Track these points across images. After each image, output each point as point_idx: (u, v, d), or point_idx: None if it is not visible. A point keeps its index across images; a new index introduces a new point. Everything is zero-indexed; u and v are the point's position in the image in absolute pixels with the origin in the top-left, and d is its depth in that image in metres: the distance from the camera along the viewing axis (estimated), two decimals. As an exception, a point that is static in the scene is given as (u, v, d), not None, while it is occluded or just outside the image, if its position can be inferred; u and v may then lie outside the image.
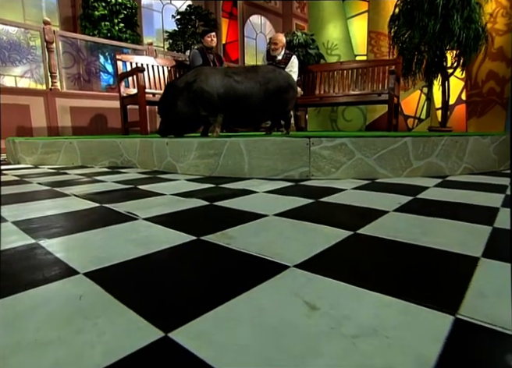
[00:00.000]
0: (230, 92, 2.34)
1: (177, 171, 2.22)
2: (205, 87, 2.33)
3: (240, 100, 2.37)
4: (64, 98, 5.01)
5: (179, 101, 2.41)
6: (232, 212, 1.17)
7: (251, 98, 2.38)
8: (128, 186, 1.72)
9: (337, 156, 1.87)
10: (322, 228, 0.97)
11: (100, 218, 1.09)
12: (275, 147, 1.89)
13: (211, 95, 2.32)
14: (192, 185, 1.73)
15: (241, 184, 1.76)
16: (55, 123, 4.96)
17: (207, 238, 0.87)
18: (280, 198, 1.40)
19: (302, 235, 0.90)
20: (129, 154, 2.67)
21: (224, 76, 2.37)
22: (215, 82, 2.34)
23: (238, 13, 9.78)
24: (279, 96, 2.46)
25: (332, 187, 1.65)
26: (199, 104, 2.37)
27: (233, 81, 2.36)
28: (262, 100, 2.40)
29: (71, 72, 5.32)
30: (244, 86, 2.36)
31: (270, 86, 2.40)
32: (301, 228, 0.96)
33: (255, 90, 2.38)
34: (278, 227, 0.98)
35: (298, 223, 1.02)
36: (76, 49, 5.31)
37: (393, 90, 4.11)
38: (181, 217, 1.12)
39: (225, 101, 2.36)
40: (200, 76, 2.37)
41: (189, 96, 2.38)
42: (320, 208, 1.23)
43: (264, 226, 0.99)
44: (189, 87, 2.37)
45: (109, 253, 0.78)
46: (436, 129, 5.46)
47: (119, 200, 1.36)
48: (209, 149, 2.02)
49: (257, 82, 2.39)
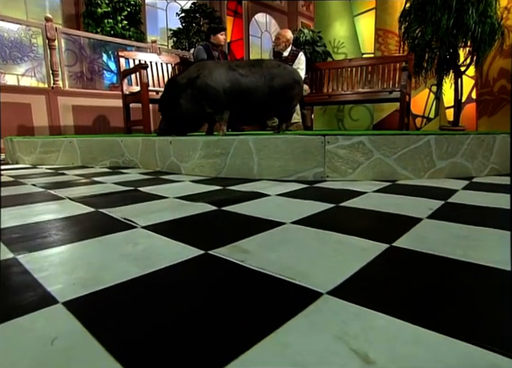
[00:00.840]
0: (236, 86, 2.20)
1: (181, 172, 2.08)
2: (210, 82, 2.19)
3: (245, 94, 2.24)
4: (66, 97, 4.90)
5: (182, 99, 2.27)
6: (243, 219, 1.03)
7: (257, 92, 2.25)
8: (128, 188, 1.58)
9: (354, 155, 1.73)
10: (351, 239, 0.83)
11: (93, 226, 0.95)
12: (286, 146, 1.75)
13: (217, 90, 2.18)
14: (197, 187, 1.59)
15: (250, 186, 1.62)
16: (57, 122, 4.86)
17: (216, 253, 0.73)
18: (295, 202, 1.26)
19: (329, 248, 0.76)
20: (130, 154, 2.54)
21: (228, 70, 2.24)
22: (219, 76, 2.20)
23: (243, 11, 9.64)
24: (284, 92, 2.33)
25: (350, 189, 1.51)
26: (204, 100, 2.23)
27: (238, 74, 2.23)
28: (267, 95, 2.27)
29: (73, 71, 5.21)
30: (250, 80, 2.23)
31: (275, 82, 2.27)
32: (326, 240, 0.82)
33: (260, 84, 2.24)
34: (298, 238, 0.84)
35: (321, 233, 0.88)
36: (79, 47, 5.21)
37: (405, 88, 3.95)
38: (186, 225, 0.98)
39: (231, 96, 2.22)
40: (203, 71, 2.23)
41: (193, 92, 2.24)
42: (342, 214, 1.09)
43: (282, 237, 0.85)
44: (192, 83, 2.23)
45: (99, 272, 0.64)
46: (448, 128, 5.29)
47: (117, 204, 1.23)
48: (215, 148, 1.89)
49: (262, 76, 2.25)
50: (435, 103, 6.84)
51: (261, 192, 1.44)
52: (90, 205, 1.23)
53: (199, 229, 0.93)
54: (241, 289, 0.57)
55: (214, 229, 0.93)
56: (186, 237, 0.85)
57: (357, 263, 0.68)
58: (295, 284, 0.58)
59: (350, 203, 1.24)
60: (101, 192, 1.48)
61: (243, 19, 9.63)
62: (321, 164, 1.74)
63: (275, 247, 0.77)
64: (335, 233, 0.87)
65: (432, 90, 6.68)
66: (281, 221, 0.99)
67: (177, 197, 1.36)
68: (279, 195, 1.40)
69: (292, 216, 1.05)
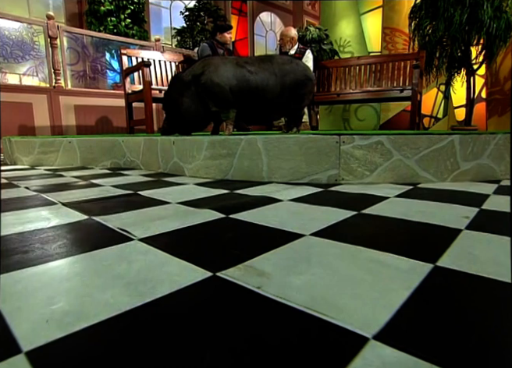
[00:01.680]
0: (244, 84, 2.07)
1: (185, 174, 1.96)
2: (215, 79, 2.06)
3: (254, 94, 2.10)
4: (68, 96, 4.81)
5: (186, 96, 2.14)
6: (254, 229, 0.90)
7: (266, 91, 2.11)
8: (127, 192, 1.46)
9: (372, 156, 1.59)
10: (385, 257, 0.69)
11: (83, 239, 0.83)
12: (298, 147, 1.62)
13: (223, 88, 2.05)
14: (202, 191, 1.46)
15: (260, 189, 1.49)
16: (58, 122, 4.77)
17: (227, 276, 0.61)
18: (311, 208, 1.13)
19: (362, 269, 0.63)
20: (132, 154, 2.42)
21: (236, 66, 2.10)
22: (226, 73, 2.07)
23: (248, 10, 9.52)
24: (297, 90, 2.19)
25: (369, 194, 1.37)
26: (209, 98, 2.11)
27: (247, 71, 2.09)
28: (278, 93, 2.13)
29: (76, 70, 5.12)
30: (259, 78, 2.09)
31: (287, 79, 2.13)
32: (357, 258, 0.69)
33: (271, 82, 2.10)
34: (323, 255, 0.71)
35: (348, 248, 0.75)
36: (81, 45, 5.12)
37: (417, 86, 3.80)
38: (189, 236, 0.85)
39: (238, 95, 2.09)
40: (208, 67, 2.10)
41: (197, 90, 2.11)
42: (367, 224, 0.95)
43: (303, 253, 0.72)
44: (197, 80, 2.10)
45: (82, 302, 0.51)
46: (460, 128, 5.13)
47: (114, 211, 1.10)
48: (222, 148, 1.76)
49: (273, 73, 2.12)
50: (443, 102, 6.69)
51: (272, 197, 1.31)
52: (84, 212, 1.10)
53: (204, 242, 0.80)
54: (258, 330, 0.44)
55: (222, 242, 0.80)
56: (190, 253, 0.73)
57: (402, 290, 0.55)
58: (329, 323, 0.45)
59: (373, 210, 1.11)
60: (97, 197, 1.36)
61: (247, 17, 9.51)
62: (335, 165, 1.61)
63: (296, 268, 0.64)
64: (364, 248, 0.74)
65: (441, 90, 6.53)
66: (299, 233, 0.86)
67: (180, 203, 1.24)
68: (292, 200, 1.27)
69: (310, 226, 0.92)
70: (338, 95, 4.36)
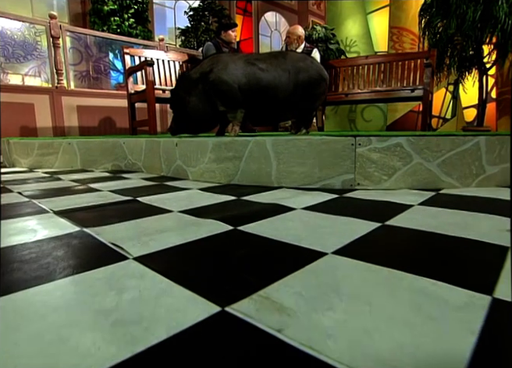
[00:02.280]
0: (254, 82, 1.95)
1: (188, 178, 1.85)
2: (224, 77, 1.94)
3: (264, 92, 1.99)
4: (71, 97, 4.72)
5: (193, 95, 2.03)
6: (268, 245, 0.78)
7: (278, 89, 1.99)
8: (126, 198, 1.35)
9: (390, 160, 1.47)
10: (430, 285, 0.57)
11: (69, 256, 0.72)
12: (310, 149, 1.50)
13: (231, 86, 1.94)
14: (207, 197, 1.35)
15: (269, 196, 1.37)
16: (61, 123, 4.69)
17: (238, 312, 0.49)
18: (329, 219, 1.01)
19: (407, 305, 0.51)
20: (133, 157, 2.32)
21: (246, 64, 1.99)
22: (235, 71, 1.96)
23: (253, 10, 9.42)
24: (310, 89, 2.07)
25: (389, 201, 1.25)
26: (217, 97, 1.99)
27: (257, 69, 1.98)
28: (291, 91, 2.01)
29: (78, 70, 5.04)
30: (271, 75, 1.98)
31: (301, 76, 2.01)
32: (396, 287, 0.57)
33: (283, 79, 1.99)
34: (355, 283, 0.59)
35: (383, 272, 0.63)
36: (84, 45, 5.03)
37: (428, 86, 3.67)
38: (193, 255, 0.73)
39: (248, 94, 1.98)
40: (217, 65, 1.99)
41: (204, 88, 2.00)
42: (397, 239, 0.83)
43: (329, 279, 0.60)
44: (205, 78, 1.99)
45: (52, 353, 0.40)
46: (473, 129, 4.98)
47: (109, 221, 0.99)
48: (227, 151, 1.65)
49: (286, 70, 2.00)
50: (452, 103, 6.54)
51: (284, 205, 1.19)
52: (77, 221, 0.99)
53: (210, 262, 0.69)
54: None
55: (230, 263, 0.68)
56: (193, 277, 0.61)
57: (464, 335, 0.43)
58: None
59: (398, 221, 0.99)
60: (93, 204, 1.25)
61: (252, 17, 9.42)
62: (350, 169, 1.49)
63: (324, 300, 0.52)
64: (402, 273, 0.62)
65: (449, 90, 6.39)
66: (320, 251, 0.74)
67: (182, 211, 1.12)
68: (306, 208, 1.15)
69: (331, 241, 0.80)
70: (346, 95, 4.24)
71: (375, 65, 4.39)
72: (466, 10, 3.95)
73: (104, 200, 1.31)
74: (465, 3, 3.95)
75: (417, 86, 3.77)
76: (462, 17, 4.01)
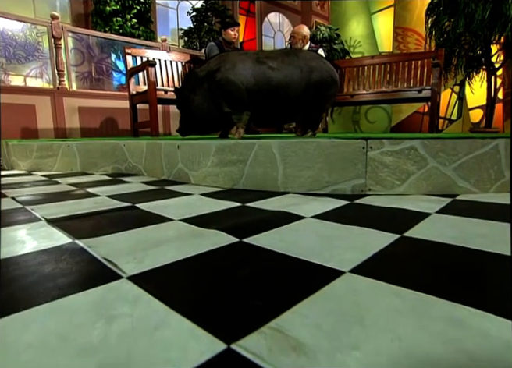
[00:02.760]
0: (264, 82, 1.87)
1: (190, 181, 1.77)
2: (231, 77, 1.86)
3: (274, 92, 1.90)
4: (72, 98, 4.67)
5: (198, 94, 1.95)
6: (277, 261, 0.71)
7: (289, 88, 1.91)
8: (124, 204, 1.28)
9: (404, 164, 1.39)
10: (466, 314, 0.49)
11: (56, 275, 0.64)
12: (319, 152, 1.42)
13: (238, 87, 1.86)
14: (210, 204, 1.27)
15: (276, 202, 1.29)
16: (62, 124, 4.64)
17: (246, 351, 0.41)
18: (342, 229, 0.93)
19: (447, 342, 0.43)
20: (134, 159, 2.25)
21: (255, 63, 1.90)
22: (243, 70, 1.88)
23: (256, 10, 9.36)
24: (321, 90, 1.99)
25: (405, 209, 1.17)
26: (222, 98, 1.91)
27: (268, 68, 1.89)
28: (303, 90, 1.92)
29: (80, 71, 4.99)
30: (282, 74, 1.89)
31: (313, 76, 1.93)
32: (430, 317, 0.49)
33: (295, 77, 1.90)
34: (380, 311, 0.51)
35: (411, 297, 0.55)
36: (86, 46, 4.99)
37: (436, 86, 3.58)
38: (194, 273, 0.66)
39: (257, 94, 1.90)
40: (225, 64, 1.90)
41: (210, 88, 1.92)
42: (419, 254, 0.75)
43: (350, 305, 0.52)
44: (211, 77, 1.91)
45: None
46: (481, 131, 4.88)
47: (104, 231, 0.92)
48: (231, 154, 1.57)
49: (298, 68, 1.92)
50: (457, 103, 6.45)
51: (292, 213, 1.12)
52: (69, 231, 0.92)
53: (213, 283, 0.61)
54: None
55: (236, 284, 0.60)
56: (194, 302, 0.54)
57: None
58: None
59: (418, 232, 0.90)
60: (89, 211, 1.17)
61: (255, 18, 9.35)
62: (361, 174, 1.41)
63: (346, 334, 0.44)
64: (431, 298, 0.54)
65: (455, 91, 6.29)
66: (335, 268, 0.66)
67: (183, 219, 1.05)
68: (317, 217, 1.07)
69: (347, 256, 0.72)
70: (351, 96, 4.15)
71: (380, 65, 4.31)
72: (475, 9, 3.86)
73: (101, 207, 1.24)
74: (474, 1, 3.86)
75: (425, 87, 3.68)
76: (471, 16, 3.92)
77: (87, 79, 5.03)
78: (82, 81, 4.99)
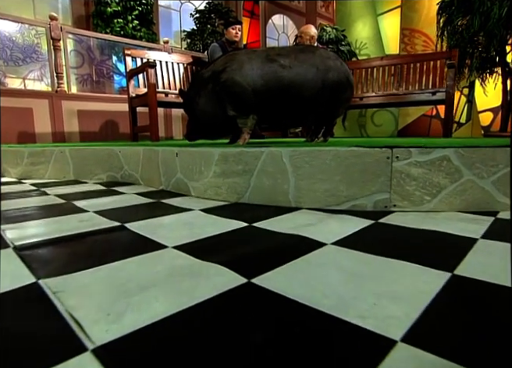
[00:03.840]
0: (273, 82, 1.70)
1: (190, 193, 1.60)
2: (237, 78, 1.70)
3: (285, 92, 1.73)
4: (71, 101, 4.53)
5: (203, 96, 1.79)
6: (299, 319, 0.52)
7: (303, 87, 1.73)
8: (112, 224, 1.10)
9: (435, 176, 1.20)
10: None
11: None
12: (337, 163, 1.24)
13: (245, 89, 1.69)
14: (211, 224, 1.09)
15: (287, 221, 1.11)
16: (60, 128, 4.49)
17: None
18: (373, 263, 0.75)
19: None
20: (130, 167, 2.08)
21: (265, 62, 1.73)
22: (251, 71, 1.71)
23: (260, 12, 9.23)
24: (337, 93, 1.81)
25: (441, 232, 0.98)
26: (228, 100, 1.75)
27: (279, 66, 1.72)
28: (319, 89, 1.75)
29: (80, 73, 4.85)
30: (294, 72, 1.71)
31: (330, 76, 1.75)
32: None
33: (310, 76, 1.72)
34: None
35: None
36: (86, 48, 4.85)
37: (452, 88, 3.39)
38: (184, 342, 0.48)
39: (265, 96, 1.73)
40: (231, 64, 1.74)
41: (214, 89, 1.76)
42: (487, 308, 0.57)
43: None
44: (216, 78, 1.76)
45: None
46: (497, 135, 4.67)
47: (79, 266, 0.74)
48: (236, 163, 1.39)
49: (314, 65, 1.74)
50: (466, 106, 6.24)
51: (309, 237, 0.93)
52: (36, 265, 0.74)
53: (210, 363, 0.43)
54: None
55: (246, 362, 0.42)
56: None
57: None
58: None
59: (472, 267, 0.72)
60: (68, 233, 1.00)
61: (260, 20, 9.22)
62: (385, 188, 1.23)
63: None
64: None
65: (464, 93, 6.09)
66: (382, 335, 0.47)
67: (179, 246, 0.87)
68: (338, 243, 0.88)
69: (393, 311, 0.54)
70: (361, 99, 3.97)
71: (390, 66, 4.14)
72: (491, 7, 3.67)
73: (85, 227, 1.06)
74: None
75: (439, 89, 3.49)
76: (486, 14, 3.74)
77: (87, 81, 4.89)
78: (82, 84, 4.85)
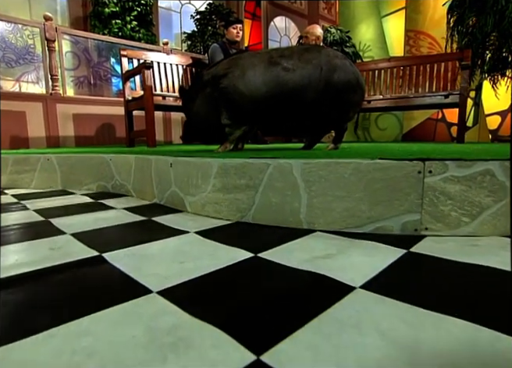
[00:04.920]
0: (277, 89, 1.56)
1: (186, 209, 1.41)
2: (240, 87, 1.57)
3: (289, 98, 1.57)
4: (66, 104, 4.36)
5: (199, 98, 1.67)
6: None
7: (306, 90, 1.57)
8: (87, 255, 0.90)
9: (475, 194, 1.01)
10: None
11: None
12: (358, 178, 1.04)
13: (245, 98, 1.57)
14: (208, 255, 0.90)
15: (301, 250, 0.92)
16: (55, 132, 4.31)
17: None
18: (425, 322, 0.55)
19: None
20: (121, 177, 1.89)
21: (268, 66, 1.58)
22: (254, 78, 1.57)
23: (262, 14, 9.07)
24: (345, 95, 1.62)
25: (493, 268, 0.78)
26: (225, 107, 1.61)
27: (281, 70, 1.56)
28: (321, 90, 1.58)
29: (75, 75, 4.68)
30: (297, 75, 1.55)
31: (336, 76, 1.57)
32: None
33: (313, 78, 1.55)
34: None
35: None
36: (82, 49, 4.68)
37: (466, 90, 3.20)
38: None
39: (268, 103, 1.59)
40: (234, 70, 1.60)
41: (212, 94, 1.63)
42: None
43: None
44: (216, 82, 1.62)
45: None
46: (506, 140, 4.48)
47: (23, 328, 0.55)
48: (238, 177, 1.20)
49: (318, 66, 1.57)
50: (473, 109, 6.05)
51: (331, 278, 0.74)
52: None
53: None
54: None
55: None
56: None
57: None
58: None
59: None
60: (29, 269, 0.80)
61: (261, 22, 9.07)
62: (415, 207, 1.03)
63: None
64: None
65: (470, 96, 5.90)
66: None
67: (165, 291, 0.67)
68: (369, 287, 0.69)
69: None
70: (369, 102, 3.78)
71: (399, 68, 3.96)
72: (506, 5, 3.49)
73: (53, 259, 0.87)
74: (504, -2, 3.50)
75: (453, 92, 3.31)
76: (501, 13, 3.56)
77: (83, 84, 4.71)
78: (78, 86, 4.68)
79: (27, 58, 4.19)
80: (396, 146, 2.31)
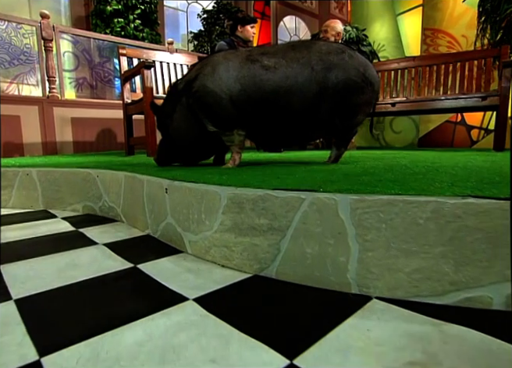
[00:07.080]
0: (253, 89, 1.30)
1: (186, 249, 1.07)
2: (209, 86, 1.31)
3: (271, 101, 1.30)
4: (64, 107, 4.07)
5: (177, 111, 1.42)
6: None
7: (292, 93, 1.29)
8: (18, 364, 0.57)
9: None
10: None
11: None
12: (439, 225, 0.69)
13: (219, 97, 1.30)
14: (210, 359, 0.56)
15: (360, 351, 0.57)
16: (52, 138, 4.03)
17: None
18: None
19: None
20: (110, 197, 1.56)
21: (244, 63, 1.32)
22: (225, 74, 1.31)
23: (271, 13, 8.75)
24: (347, 97, 1.30)
25: None
26: (202, 113, 1.36)
27: (260, 68, 1.29)
28: (314, 96, 1.30)
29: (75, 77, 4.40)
30: (279, 75, 1.28)
31: (332, 76, 1.28)
32: None
33: (301, 79, 1.28)
34: None
35: None
36: (82, 49, 4.40)
37: (508, 91, 2.83)
38: None
39: (244, 106, 1.32)
40: (204, 69, 1.35)
41: (188, 102, 1.39)
42: None
43: None
44: (188, 88, 1.38)
45: None
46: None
47: None
48: (257, 214, 0.85)
49: (307, 65, 1.29)
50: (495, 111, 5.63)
51: None
52: None
53: None
54: None
55: None
56: None
57: None
58: None
59: None
60: None
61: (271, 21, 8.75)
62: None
63: None
64: None
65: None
66: None
67: None
68: None
69: None
70: (393, 105, 3.41)
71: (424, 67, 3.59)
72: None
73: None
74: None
75: (491, 93, 2.93)
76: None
77: (83, 86, 4.43)
78: (77, 88, 4.40)
79: (22, 59, 3.92)
80: (430, 155, 1.94)
